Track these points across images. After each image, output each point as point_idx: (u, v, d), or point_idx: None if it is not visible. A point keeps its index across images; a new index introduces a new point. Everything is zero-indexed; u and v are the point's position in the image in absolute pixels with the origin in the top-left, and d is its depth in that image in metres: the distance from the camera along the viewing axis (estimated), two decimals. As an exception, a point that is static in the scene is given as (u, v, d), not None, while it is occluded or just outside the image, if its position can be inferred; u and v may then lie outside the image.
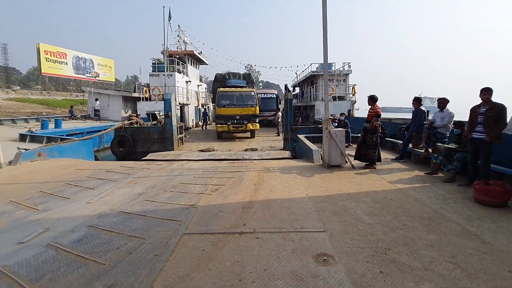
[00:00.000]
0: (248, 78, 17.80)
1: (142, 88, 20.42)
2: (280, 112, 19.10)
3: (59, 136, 11.24)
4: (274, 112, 21.74)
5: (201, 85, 29.13)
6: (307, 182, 5.25)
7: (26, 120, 17.15)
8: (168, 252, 2.74)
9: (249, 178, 5.66)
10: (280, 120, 17.08)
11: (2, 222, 3.56)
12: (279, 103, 22.31)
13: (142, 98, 19.51)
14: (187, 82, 23.49)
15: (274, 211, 3.78)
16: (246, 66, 69.41)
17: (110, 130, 11.90)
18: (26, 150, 7.33)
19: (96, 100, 20.36)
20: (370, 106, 6.45)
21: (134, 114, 15.63)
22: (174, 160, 8.69)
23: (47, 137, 10.88)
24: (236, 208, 3.94)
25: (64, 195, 4.64)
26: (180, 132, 12.77)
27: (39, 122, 14.70)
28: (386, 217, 3.53)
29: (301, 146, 9.32)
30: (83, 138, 9.94)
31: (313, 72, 22.22)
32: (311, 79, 23.25)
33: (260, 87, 65.25)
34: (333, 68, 21.13)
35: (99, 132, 12.39)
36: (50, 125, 13.99)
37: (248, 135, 15.56)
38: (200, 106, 26.13)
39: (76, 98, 35.06)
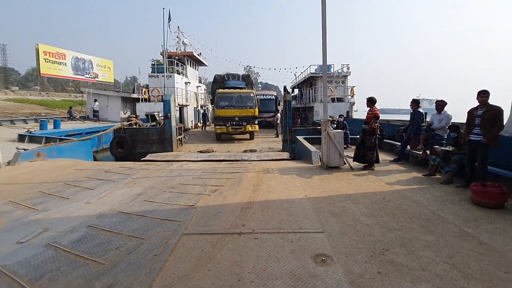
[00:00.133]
0: (247, 79, 17.77)
1: (141, 89, 20.44)
2: (279, 113, 19.14)
3: (58, 136, 11.24)
4: (273, 113, 21.78)
5: (200, 86, 29.15)
6: (306, 183, 5.27)
7: (24, 121, 17.13)
8: (167, 252, 2.75)
9: (248, 179, 5.68)
10: (279, 121, 17.11)
11: (1, 222, 3.56)
12: (278, 105, 22.35)
13: (141, 99, 19.52)
14: (186, 83, 23.52)
15: (273, 212, 3.80)
16: (245, 68, 69.61)
17: (109, 131, 11.90)
18: (25, 150, 7.33)
19: (95, 101, 20.35)
20: (369, 108, 6.49)
21: (133, 115, 15.64)
22: (173, 161, 8.70)
23: (46, 137, 10.88)
24: (235, 208, 3.95)
25: (63, 195, 4.64)
26: (179, 133, 12.78)
27: (38, 123, 14.69)
28: (384, 218, 3.56)
29: (300, 147, 9.35)
30: (82, 139, 9.94)
31: (312, 73, 22.29)
32: (310, 81, 23.33)
33: (259, 89, 65.35)
34: (332, 69, 21.21)
35: (98, 132, 12.39)
36: (49, 125, 13.98)
37: (247, 137, 15.55)
38: (199, 108, 26.16)
39: (75, 99, 35.00)
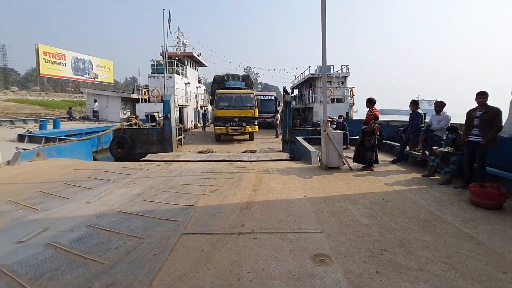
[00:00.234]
0: (247, 80, 17.68)
1: (141, 89, 20.46)
2: (278, 114, 19.15)
3: (58, 136, 11.24)
4: (273, 114, 21.80)
5: (200, 86, 29.18)
6: (305, 184, 5.28)
7: (24, 121, 17.13)
8: (167, 251, 2.76)
9: (247, 179, 5.69)
10: (278, 122, 17.11)
11: (1, 221, 3.57)
12: (278, 105, 22.37)
13: (141, 100, 19.53)
14: (186, 83, 23.55)
15: (272, 212, 3.81)
16: (245, 68, 69.64)
17: (109, 131, 11.90)
18: (24, 150, 7.34)
19: (94, 101, 20.36)
20: (368, 109, 6.51)
21: (133, 116, 15.66)
22: (173, 161, 8.70)
23: (46, 137, 10.88)
24: (234, 208, 3.96)
25: (63, 195, 4.65)
26: (178, 133, 12.78)
27: (38, 123, 14.69)
28: (382, 218, 3.57)
29: (299, 148, 9.36)
30: (82, 139, 9.95)
31: (311, 74, 22.34)
32: (310, 81, 23.37)
33: (259, 89, 65.45)
34: (331, 70, 21.25)
35: (98, 133, 12.39)
36: (49, 126, 13.98)
37: (247, 137, 15.49)
38: (199, 108, 26.18)
39: (74, 99, 35.00)
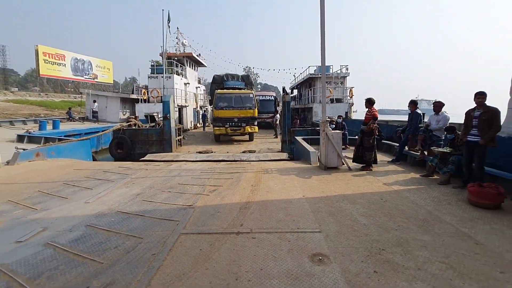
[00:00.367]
0: (246, 80, 17.58)
1: (141, 89, 20.47)
2: (278, 114, 19.16)
3: (57, 137, 11.25)
4: (273, 114, 21.81)
5: (199, 87, 29.19)
6: (304, 184, 5.29)
7: (24, 122, 17.13)
8: (165, 251, 2.77)
9: (246, 179, 5.70)
10: (278, 122, 17.12)
11: (0, 221, 3.57)
12: (278, 105, 22.38)
13: (141, 100, 19.54)
14: (186, 84, 23.56)
15: (271, 212, 3.82)
16: (244, 68, 69.64)
17: (108, 132, 11.91)
18: (24, 150, 7.34)
19: (94, 101, 20.37)
20: (367, 109, 6.52)
21: (133, 116, 15.66)
22: (172, 161, 8.70)
23: (45, 137, 10.89)
24: (233, 208, 3.97)
25: (62, 195, 4.65)
26: (178, 134, 12.79)
27: (37, 124, 14.69)
28: (381, 218, 3.58)
29: (298, 148, 9.37)
30: (81, 139, 9.95)
31: (311, 74, 22.37)
32: (309, 82, 23.40)
33: (258, 89, 65.41)
34: (330, 70, 21.29)
35: (97, 133, 12.40)
36: (48, 126, 13.99)
37: (246, 138, 15.42)
38: (198, 108, 26.19)
39: (74, 99, 34.98)
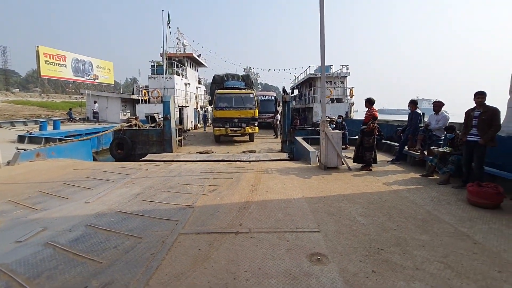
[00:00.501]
0: (247, 80, 17.40)
1: (141, 90, 20.51)
2: (278, 114, 19.15)
3: (58, 137, 11.28)
4: (273, 114, 21.80)
5: (200, 87, 29.23)
6: (304, 184, 5.30)
7: (24, 122, 17.20)
8: (164, 251, 2.78)
9: (246, 179, 5.70)
10: (278, 122, 17.10)
11: (0, 221, 3.59)
12: (278, 105, 22.36)
13: (141, 101, 19.57)
14: (186, 84, 23.59)
15: (270, 212, 3.82)
16: (245, 69, 69.63)
17: (109, 132, 11.94)
18: (24, 150, 7.36)
19: (94, 102, 20.42)
20: (367, 109, 6.53)
21: (133, 117, 15.69)
22: (172, 161, 8.71)
23: (46, 138, 10.92)
24: (232, 208, 3.98)
25: (62, 195, 4.67)
26: (178, 134, 12.80)
27: (38, 125, 14.74)
28: (380, 218, 3.58)
29: (298, 148, 9.37)
30: (82, 139, 9.97)
31: (311, 74, 22.36)
32: (310, 81, 23.41)
33: (259, 89, 65.40)
34: (331, 70, 21.28)
35: (98, 133, 12.43)
36: (49, 127, 14.03)
37: (247, 139, 15.29)
38: (199, 109, 26.21)
39: (75, 100, 35.10)
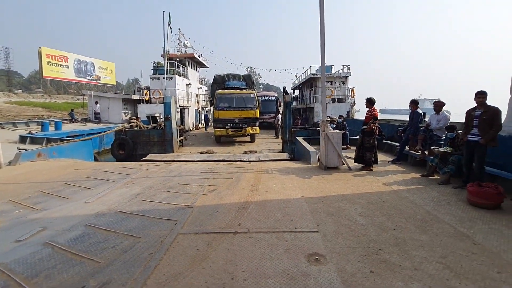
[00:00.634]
0: (248, 80, 17.22)
1: (142, 90, 20.57)
2: (280, 114, 19.13)
3: (59, 138, 11.33)
4: (274, 114, 21.78)
5: (201, 87, 29.26)
6: (304, 184, 5.29)
7: (26, 123, 17.29)
8: (162, 251, 2.78)
9: (246, 179, 5.70)
10: (279, 122, 17.06)
11: (0, 221, 3.61)
12: (279, 106, 22.33)
13: (143, 101, 19.62)
14: (188, 85, 23.63)
15: (269, 212, 3.82)
16: (246, 69, 69.73)
17: (110, 132, 11.98)
18: (26, 150, 7.40)
19: (96, 103, 20.50)
20: (368, 109, 6.51)
21: (134, 117, 15.74)
22: (173, 161, 8.72)
23: (47, 138, 10.97)
24: (231, 208, 3.98)
25: (62, 195, 4.69)
26: (179, 135, 12.81)
27: (40, 125, 14.82)
28: (379, 218, 3.57)
29: (299, 148, 9.36)
30: (83, 139, 10.02)
31: (312, 74, 22.33)
32: (311, 82, 23.38)
33: (260, 90, 65.34)
34: (332, 70, 21.20)
35: (99, 133, 12.48)
36: (50, 127, 14.10)
37: (248, 139, 15.16)
38: (200, 109, 26.24)
39: (77, 101, 35.29)
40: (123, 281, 2.30)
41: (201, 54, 27.68)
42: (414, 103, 6.91)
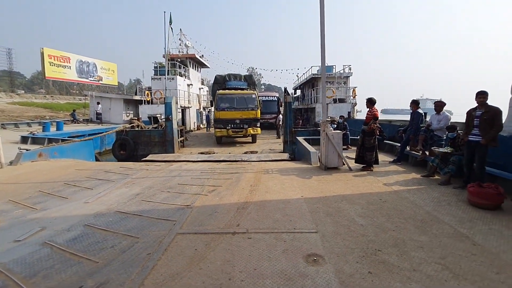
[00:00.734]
0: (249, 80, 17.08)
1: (144, 91, 20.63)
2: (281, 114, 19.10)
3: (60, 138, 11.37)
4: (275, 114, 21.76)
5: (202, 88, 29.30)
6: (303, 184, 5.28)
7: (28, 124, 17.38)
8: (160, 251, 2.78)
9: (246, 179, 5.70)
10: (281, 122, 17.03)
11: (0, 220, 3.62)
12: (280, 106, 22.30)
13: (144, 101, 19.68)
14: (189, 85, 23.68)
15: (268, 212, 3.81)
16: (247, 69, 69.64)
17: (111, 132, 12.02)
18: (27, 150, 7.43)
19: (98, 103, 20.57)
20: (368, 109, 6.49)
21: (136, 118, 15.79)
22: (173, 161, 8.73)
23: (49, 138, 11.02)
24: (231, 208, 3.98)
25: (62, 195, 4.70)
26: (180, 135, 12.82)
27: (41, 126, 14.88)
28: (379, 218, 3.55)
29: (299, 148, 9.35)
30: (84, 139, 10.05)
31: (313, 74, 22.30)
32: (312, 82, 23.36)
33: (262, 90, 65.37)
34: (333, 70, 21.17)
35: (100, 134, 12.52)
36: (52, 128, 14.16)
37: (249, 140, 15.10)
38: (201, 109, 26.28)
39: (79, 101, 35.42)
40: (121, 281, 2.30)
41: (202, 55, 27.72)
42: (414, 103, 6.88)
